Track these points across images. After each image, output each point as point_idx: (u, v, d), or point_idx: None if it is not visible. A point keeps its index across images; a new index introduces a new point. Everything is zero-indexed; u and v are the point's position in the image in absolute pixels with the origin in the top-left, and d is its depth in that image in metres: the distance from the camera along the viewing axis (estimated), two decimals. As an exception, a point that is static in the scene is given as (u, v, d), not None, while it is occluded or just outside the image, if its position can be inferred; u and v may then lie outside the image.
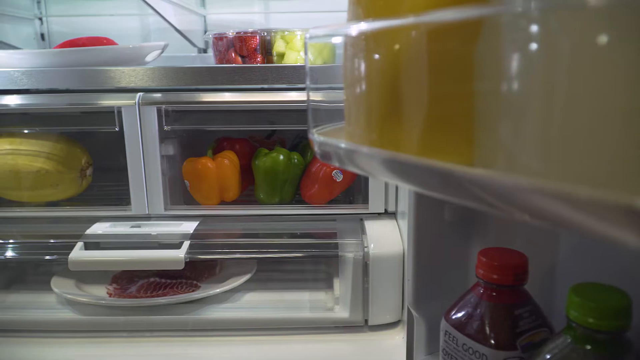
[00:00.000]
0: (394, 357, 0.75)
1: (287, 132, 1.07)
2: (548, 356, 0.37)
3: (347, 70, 0.37)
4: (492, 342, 0.40)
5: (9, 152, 0.87)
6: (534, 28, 0.25)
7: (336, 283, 0.89)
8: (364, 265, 0.78)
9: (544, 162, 0.25)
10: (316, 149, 0.38)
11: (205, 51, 1.24)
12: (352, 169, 0.34)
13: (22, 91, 0.90)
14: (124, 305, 0.83)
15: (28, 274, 1.01)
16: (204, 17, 1.22)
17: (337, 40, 0.62)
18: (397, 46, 0.30)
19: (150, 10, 1.22)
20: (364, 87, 0.33)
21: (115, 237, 0.82)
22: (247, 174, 0.92)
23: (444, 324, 0.45)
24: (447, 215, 0.55)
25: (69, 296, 0.84)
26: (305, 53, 0.40)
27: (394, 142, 0.31)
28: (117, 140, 1.05)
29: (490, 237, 0.56)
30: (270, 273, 0.97)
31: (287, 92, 0.84)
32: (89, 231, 0.83)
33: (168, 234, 0.83)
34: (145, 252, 0.79)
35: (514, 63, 0.26)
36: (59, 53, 0.86)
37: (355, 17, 0.35)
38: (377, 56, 0.32)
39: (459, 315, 0.44)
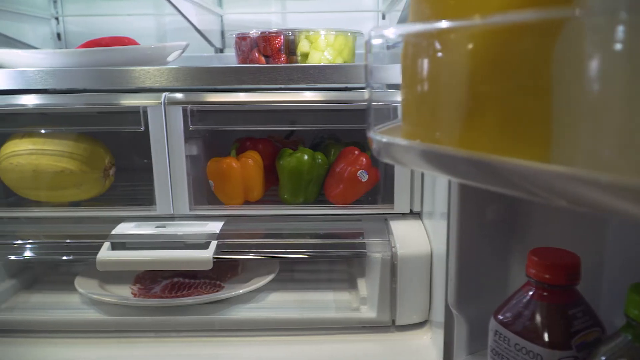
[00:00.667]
0: (422, 357, 0.75)
1: (305, 131, 1.07)
2: (607, 355, 0.37)
3: (408, 70, 0.37)
4: (547, 341, 0.41)
5: (32, 152, 0.87)
6: (618, 29, 0.25)
7: (360, 283, 0.89)
8: (392, 266, 0.78)
9: (625, 159, 0.25)
10: (376, 147, 0.38)
11: (221, 51, 1.24)
12: (417, 168, 0.34)
13: (46, 91, 0.90)
14: (151, 305, 0.83)
15: (47, 274, 1.01)
16: (221, 16, 1.22)
17: (377, 41, 0.62)
18: (471, 45, 0.30)
19: (167, 10, 1.23)
20: (431, 86, 0.33)
21: (141, 237, 0.82)
22: (269, 174, 0.92)
23: (493, 324, 0.45)
24: (488, 215, 0.55)
25: (95, 296, 0.84)
26: (366, 53, 0.40)
27: (468, 142, 0.31)
28: (138, 141, 1.05)
29: (532, 236, 0.56)
30: (291, 273, 0.97)
31: (313, 92, 0.84)
32: (114, 231, 0.83)
33: (194, 234, 0.82)
34: (173, 253, 0.79)
35: (597, 63, 0.26)
36: (83, 53, 0.86)
37: (420, 17, 0.35)
38: (448, 55, 0.32)
39: (510, 314, 0.44)
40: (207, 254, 0.78)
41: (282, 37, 0.87)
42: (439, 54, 0.33)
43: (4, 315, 0.85)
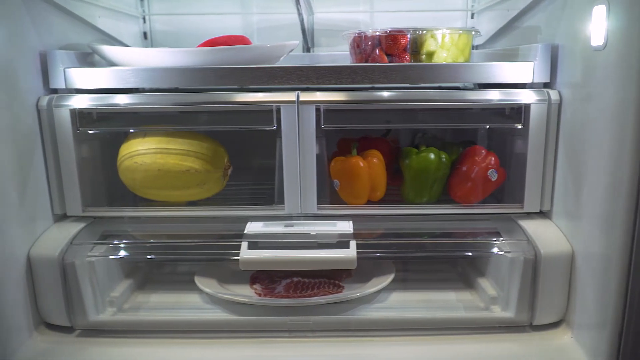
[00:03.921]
0: (568, 356, 0.75)
1: (396, 131, 1.07)
2: None
3: None
4: None
5: (158, 151, 0.86)
6: None
7: (482, 283, 0.89)
8: (534, 266, 0.78)
9: None
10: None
11: (308, 50, 1.23)
12: None
13: (177, 89, 0.89)
14: (284, 305, 0.82)
15: (156, 273, 1.01)
16: (312, 16, 1.21)
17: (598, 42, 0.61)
18: None
19: (255, 9, 1.22)
20: None
21: (277, 236, 0.82)
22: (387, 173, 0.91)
23: None
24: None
25: (225, 296, 0.84)
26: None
27: None
28: (252, 140, 1.05)
29: None
30: (405, 273, 0.97)
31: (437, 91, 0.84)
32: (247, 231, 0.83)
33: (328, 233, 0.82)
34: (316, 252, 0.78)
35: None
36: (210, 51, 0.85)
37: None
38: None
39: None
40: (351, 254, 0.78)
41: (408, 36, 0.87)
42: None
43: (128, 316, 0.85)
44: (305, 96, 0.82)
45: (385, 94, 0.83)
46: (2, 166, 0.74)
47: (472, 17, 1.24)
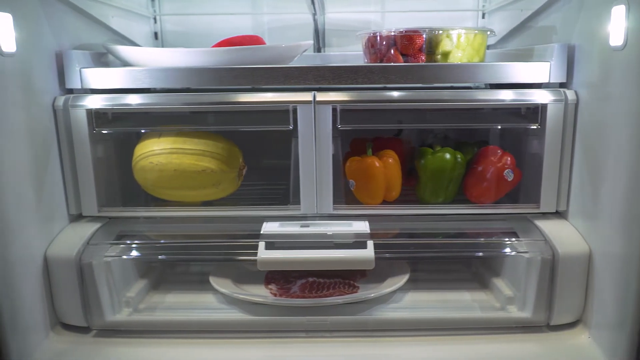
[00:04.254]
0: (586, 356, 0.75)
1: (408, 131, 1.06)
2: None
3: None
4: None
5: (173, 152, 0.86)
6: None
7: (497, 283, 0.89)
8: (552, 266, 0.78)
9: None
10: None
11: (319, 50, 1.23)
12: None
13: (188, 89, 0.89)
14: (301, 305, 0.82)
15: (170, 273, 1.01)
16: (323, 16, 1.21)
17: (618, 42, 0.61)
18: None
19: (265, 9, 1.22)
20: None
21: (293, 237, 0.81)
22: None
23: None
24: None
25: (242, 296, 0.84)
26: None
27: None
28: (264, 140, 1.05)
29: None
30: (418, 273, 0.96)
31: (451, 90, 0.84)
32: (263, 231, 0.83)
33: (345, 233, 0.82)
34: (335, 253, 0.78)
35: None
36: (225, 51, 0.85)
37: None
38: None
39: None
40: (369, 254, 0.77)
41: (424, 35, 0.87)
42: None
43: (144, 316, 0.85)
44: (321, 96, 0.82)
45: (402, 94, 0.83)
46: (21, 166, 0.74)
47: (482, 17, 1.24)
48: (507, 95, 0.82)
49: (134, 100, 0.83)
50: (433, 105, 0.83)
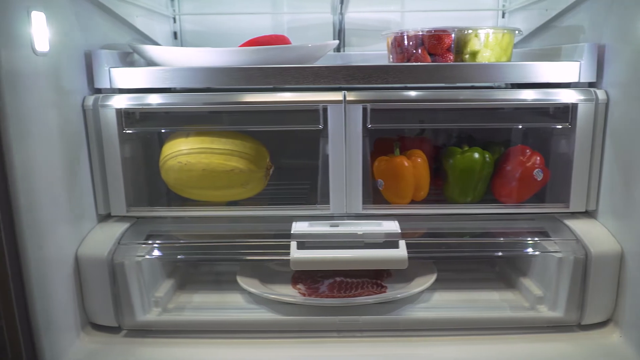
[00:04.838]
0: (619, 356, 0.75)
1: (434, 130, 1.06)
2: None
3: None
4: None
5: (202, 151, 0.86)
6: None
7: (525, 282, 0.89)
8: (584, 265, 0.78)
9: None
10: None
11: (339, 50, 1.23)
12: None
13: (209, 89, 0.89)
14: (333, 305, 0.82)
15: (194, 273, 1.01)
16: (343, 15, 1.21)
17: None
18: None
19: (285, 9, 1.22)
20: None
21: (322, 236, 0.81)
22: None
23: None
24: None
25: (272, 296, 0.83)
26: None
27: None
28: (289, 139, 1.04)
29: None
30: (446, 272, 0.96)
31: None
32: (294, 230, 0.82)
33: (377, 233, 0.82)
34: (367, 252, 0.78)
35: None
36: (254, 51, 0.85)
37: None
38: None
39: None
40: (402, 253, 0.77)
41: (452, 35, 0.87)
42: None
43: (173, 316, 0.85)
44: (352, 95, 0.82)
45: (431, 93, 0.83)
46: (53, 167, 0.74)
47: (502, 17, 1.24)
48: (537, 95, 0.82)
49: (162, 100, 0.83)
50: (464, 105, 0.83)
